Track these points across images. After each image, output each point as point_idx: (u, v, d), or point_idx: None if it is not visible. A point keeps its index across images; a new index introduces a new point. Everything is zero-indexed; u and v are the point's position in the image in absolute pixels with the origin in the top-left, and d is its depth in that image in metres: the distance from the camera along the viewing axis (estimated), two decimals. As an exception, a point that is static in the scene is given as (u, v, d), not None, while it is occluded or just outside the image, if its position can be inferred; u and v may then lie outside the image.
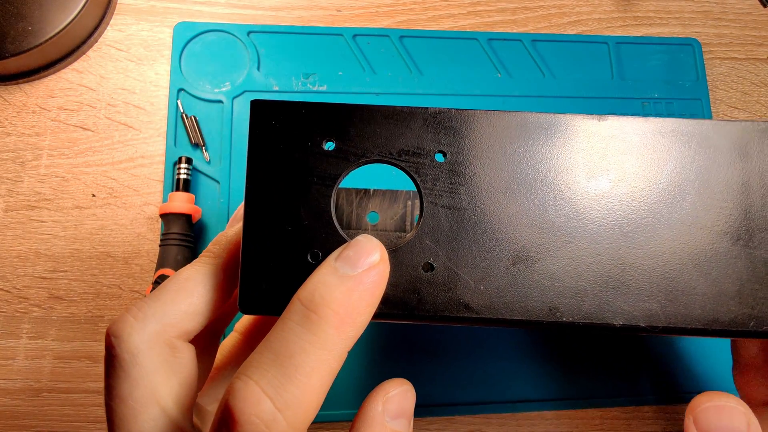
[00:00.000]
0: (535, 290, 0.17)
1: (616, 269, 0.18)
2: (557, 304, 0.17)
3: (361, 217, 0.24)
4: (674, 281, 0.17)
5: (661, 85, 0.43)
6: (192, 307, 0.17)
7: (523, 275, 0.17)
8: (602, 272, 0.17)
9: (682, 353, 0.38)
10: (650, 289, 0.17)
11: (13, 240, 0.36)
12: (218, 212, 0.37)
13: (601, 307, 0.17)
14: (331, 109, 0.18)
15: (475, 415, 0.36)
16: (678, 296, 0.17)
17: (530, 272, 0.17)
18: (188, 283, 0.17)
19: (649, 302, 0.17)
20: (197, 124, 0.37)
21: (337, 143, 0.18)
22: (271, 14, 0.42)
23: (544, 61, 0.42)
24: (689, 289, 0.17)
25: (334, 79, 0.40)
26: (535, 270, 0.17)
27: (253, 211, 0.17)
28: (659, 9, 0.45)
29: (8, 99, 0.38)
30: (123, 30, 0.40)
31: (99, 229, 0.36)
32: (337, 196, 0.24)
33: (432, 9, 0.43)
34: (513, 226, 0.18)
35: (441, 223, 0.18)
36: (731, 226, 0.18)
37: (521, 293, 0.17)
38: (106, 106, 0.38)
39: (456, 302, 0.17)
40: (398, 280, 0.17)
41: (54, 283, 0.35)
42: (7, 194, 0.36)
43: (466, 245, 0.18)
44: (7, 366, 0.34)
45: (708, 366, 0.38)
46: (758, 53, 0.45)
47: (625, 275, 0.17)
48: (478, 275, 0.17)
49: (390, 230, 0.24)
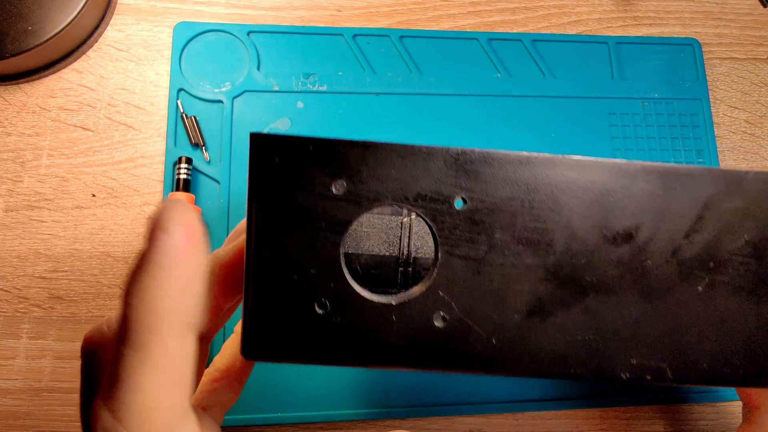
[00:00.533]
0: (546, 343, 0.17)
1: (627, 323, 0.17)
2: (568, 356, 0.17)
3: None
4: (684, 337, 0.17)
5: (661, 85, 0.43)
6: None
7: (537, 328, 0.17)
8: (613, 326, 0.17)
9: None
10: (660, 344, 0.17)
11: (14, 240, 0.36)
12: (218, 212, 0.37)
13: (610, 360, 0.17)
14: (341, 146, 0.16)
15: (475, 415, 0.36)
16: (686, 352, 0.17)
17: (543, 325, 0.17)
18: None
19: (657, 357, 0.17)
20: (197, 124, 0.38)
21: (347, 185, 0.16)
22: (272, 14, 0.42)
23: (544, 60, 0.42)
24: (697, 345, 0.17)
25: (334, 79, 0.40)
26: (548, 323, 0.17)
27: (256, 257, 0.16)
28: (659, 9, 0.45)
29: (8, 99, 0.38)
30: (123, 30, 0.40)
31: (99, 229, 0.36)
32: None
33: (432, 9, 0.43)
34: (530, 278, 0.17)
35: (456, 274, 0.17)
36: (747, 281, 0.17)
37: (533, 346, 0.17)
38: (106, 106, 0.38)
39: (467, 355, 0.17)
40: (409, 332, 0.16)
41: (54, 283, 0.35)
42: (7, 194, 0.36)
43: (480, 297, 0.17)
44: (8, 366, 0.34)
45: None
46: (758, 53, 0.45)
47: (637, 330, 0.17)
48: (491, 328, 0.17)
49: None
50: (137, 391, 0.14)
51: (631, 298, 0.17)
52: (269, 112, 0.39)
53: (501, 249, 0.17)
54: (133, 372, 0.14)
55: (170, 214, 0.15)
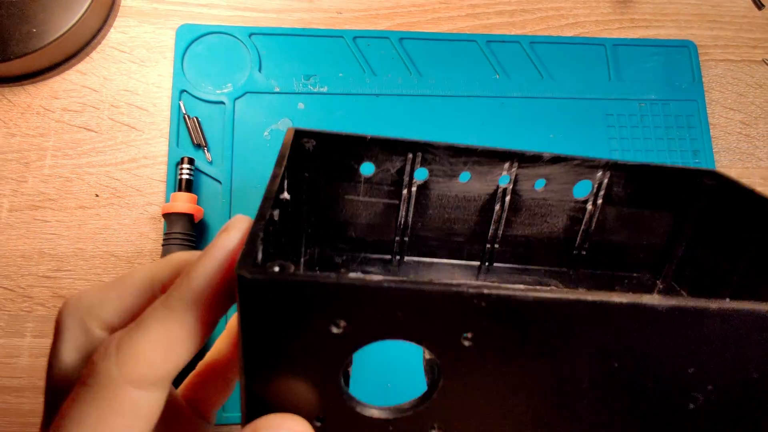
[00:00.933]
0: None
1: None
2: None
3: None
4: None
5: (658, 87, 0.43)
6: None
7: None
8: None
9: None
10: None
11: (18, 239, 0.36)
12: (220, 212, 0.37)
13: None
14: (343, 291, 0.14)
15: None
16: None
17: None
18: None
19: None
20: (199, 125, 0.38)
21: (347, 325, 0.14)
22: (273, 16, 0.42)
23: (542, 62, 0.43)
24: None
25: (334, 81, 0.40)
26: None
27: (251, 393, 0.15)
28: (656, 11, 0.46)
29: (13, 100, 0.38)
30: (126, 32, 0.40)
31: (102, 229, 0.37)
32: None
33: (431, 11, 0.44)
34: (519, 420, 0.16)
35: (452, 402, 0.16)
36: None
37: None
38: (109, 107, 0.39)
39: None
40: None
41: (58, 282, 0.36)
42: (11, 194, 0.37)
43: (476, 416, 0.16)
44: (12, 364, 0.34)
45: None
46: (753, 55, 0.46)
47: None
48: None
49: (386, 185, 0.24)
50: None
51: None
52: (270, 113, 0.39)
53: (495, 392, 0.16)
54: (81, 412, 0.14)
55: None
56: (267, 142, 0.38)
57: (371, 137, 0.22)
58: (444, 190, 0.24)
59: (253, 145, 0.38)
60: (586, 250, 0.25)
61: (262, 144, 0.38)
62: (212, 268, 0.15)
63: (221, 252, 0.15)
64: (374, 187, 0.24)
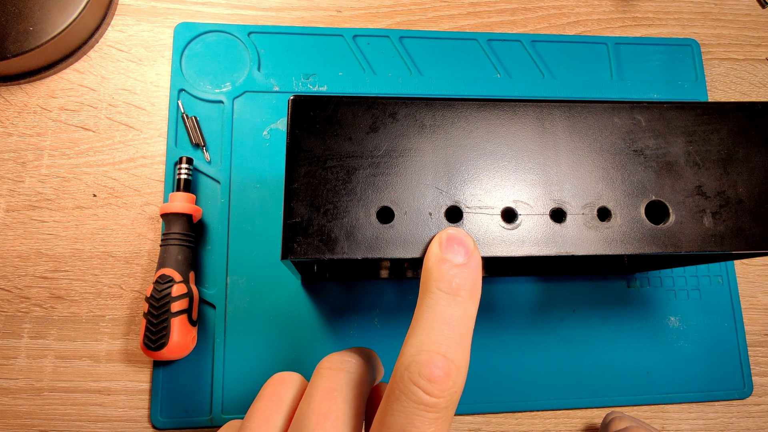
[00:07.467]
0: None
1: None
2: None
3: None
4: None
5: (660, 86, 0.43)
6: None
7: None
8: None
9: (681, 353, 0.38)
10: None
11: (15, 240, 0.36)
12: (219, 212, 0.37)
13: None
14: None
15: (475, 414, 0.36)
16: None
17: None
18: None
19: None
20: (198, 124, 0.38)
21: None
22: (272, 15, 0.42)
23: (543, 61, 0.42)
24: None
25: (334, 80, 0.40)
26: None
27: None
28: (658, 10, 0.46)
29: (9, 99, 0.38)
30: (124, 30, 0.40)
31: (100, 229, 0.36)
32: None
33: (432, 10, 0.43)
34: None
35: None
36: None
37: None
38: (107, 106, 0.38)
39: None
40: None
41: (55, 283, 0.35)
42: (8, 194, 0.36)
43: None
44: (9, 365, 0.34)
45: (706, 366, 0.38)
46: (757, 54, 0.45)
47: None
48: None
49: None
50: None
51: None
52: (269, 113, 0.39)
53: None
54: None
55: None
56: (266, 142, 0.38)
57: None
58: None
59: (252, 145, 0.38)
60: None
61: (261, 143, 0.38)
62: None
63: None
64: None
